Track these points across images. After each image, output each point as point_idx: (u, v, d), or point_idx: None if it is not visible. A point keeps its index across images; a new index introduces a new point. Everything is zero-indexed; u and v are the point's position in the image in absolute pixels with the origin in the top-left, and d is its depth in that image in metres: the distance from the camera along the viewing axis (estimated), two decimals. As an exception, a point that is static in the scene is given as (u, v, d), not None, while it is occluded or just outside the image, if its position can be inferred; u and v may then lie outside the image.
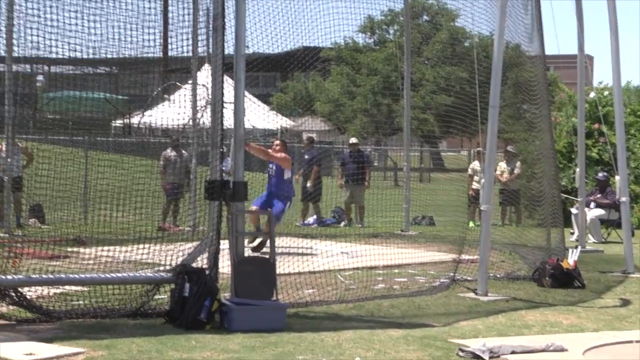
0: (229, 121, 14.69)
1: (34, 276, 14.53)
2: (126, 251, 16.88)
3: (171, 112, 26.83)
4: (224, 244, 14.28)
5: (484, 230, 16.45)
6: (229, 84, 14.80)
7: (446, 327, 13.36)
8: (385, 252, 21.58)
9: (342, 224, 29.63)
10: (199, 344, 12.04)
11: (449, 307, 15.09)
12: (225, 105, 14.54)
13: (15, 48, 21.25)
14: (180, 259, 14.17)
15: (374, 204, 30.92)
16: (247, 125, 15.57)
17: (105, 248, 19.63)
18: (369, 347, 11.96)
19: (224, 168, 14.55)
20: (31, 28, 17.57)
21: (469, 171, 30.54)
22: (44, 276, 14.80)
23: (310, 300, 15.19)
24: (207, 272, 13.71)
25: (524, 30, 20.34)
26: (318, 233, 26.73)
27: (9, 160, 23.72)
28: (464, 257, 18.32)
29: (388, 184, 43.39)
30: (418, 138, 52.14)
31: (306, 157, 31.87)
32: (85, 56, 18.41)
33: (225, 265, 14.10)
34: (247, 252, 15.60)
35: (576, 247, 19.79)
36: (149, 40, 16.88)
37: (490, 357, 11.28)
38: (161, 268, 14.74)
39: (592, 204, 25.72)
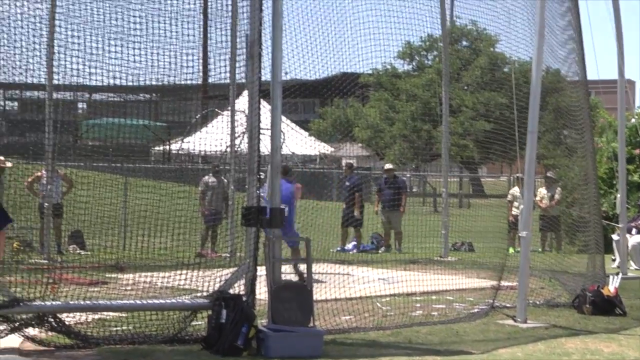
0: (266, 147, 14.64)
1: (72, 302, 14.61)
2: (164, 277, 16.95)
3: (210, 139, 26.98)
4: (261, 271, 14.24)
5: (523, 257, 16.35)
6: (266, 110, 14.78)
7: (485, 355, 13.29)
8: (423, 278, 21.51)
9: (381, 250, 29.55)
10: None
11: (488, 335, 14.96)
12: (262, 131, 14.50)
13: (56, 75, 21.42)
14: (217, 285, 14.18)
15: (413, 230, 30.78)
16: (287, 151, 15.60)
17: (144, 274, 19.70)
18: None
19: (261, 194, 14.54)
20: (72, 55, 17.72)
21: (509, 197, 30.42)
22: (82, 302, 14.88)
23: (347, 327, 15.12)
24: (244, 298, 13.72)
25: (564, 56, 20.25)
26: (356, 259, 26.67)
27: (49, 187, 23.83)
28: (503, 283, 18.17)
29: (427, 209, 43.36)
30: (457, 164, 52.07)
31: (347, 183, 31.81)
32: (125, 83, 18.51)
33: (262, 292, 14.10)
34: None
35: (617, 273, 19.61)
36: (188, 67, 16.96)
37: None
38: (199, 294, 14.76)
39: (634, 230, 25.53)
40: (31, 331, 13.49)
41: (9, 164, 23.46)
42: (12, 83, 22.13)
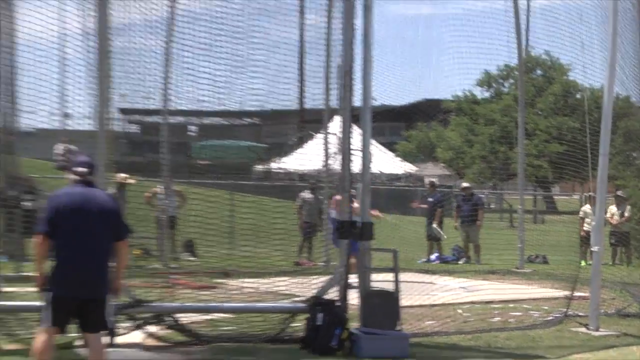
0: (357, 167, 14.79)
1: (186, 304, 14.90)
2: (266, 283, 17.15)
3: (306, 159, 27.20)
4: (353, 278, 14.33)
5: (594, 269, 16.15)
6: (357, 133, 14.94)
7: (559, 360, 13.23)
8: (501, 287, 21.51)
9: (461, 261, 29.52)
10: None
11: (562, 341, 14.79)
12: (353, 152, 14.66)
13: (172, 102, 21.84)
14: (314, 291, 14.25)
15: (490, 243, 30.69)
16: (375, 170, 15.67)
17: (248, 280, 19.89)
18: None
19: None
20: (185, 84, 18.10)
21: (581, 214, 30.08)
22: (195, 304, 15.16)
23: (431, 331, 15.10)
24: (337, 303, 13.82)
25: (634, 82, 19.98)
26: (438, 269, 26.67)
27: (165, 201, 24.21)
28: (576, 294, 17.93)
29: (504, 224, 43.03)
30: (532, 183, 51.55)
31: (430, 199, 31.89)
32: (232, 109, 18.79)
33: (354, 298, 14.09)
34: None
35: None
36: (286, 94, 17.18)
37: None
38: (297, 299, 14.86)
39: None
40: (151, 329, 13.77)
41: (132, 181, 23.87)
42: (134, 109, 22.49)
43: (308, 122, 27.46)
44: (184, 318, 14.21)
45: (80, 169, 10.23)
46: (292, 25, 17.21)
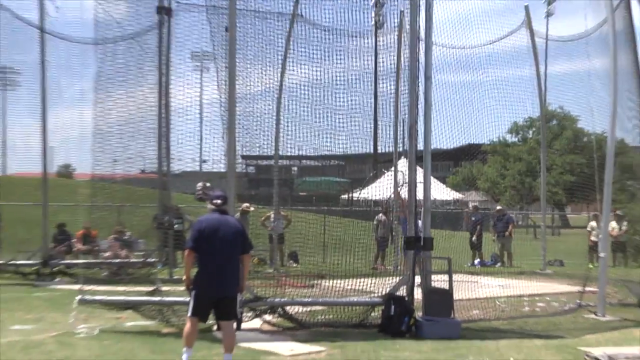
0: (419, 195, 14.78)
1: (292, 299, 14.93)
2: (352, 283, 17.07)
3: (379, 189, 27.19)
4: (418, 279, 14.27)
5: (601, 270, 15.87)
6: (420, 170, 14.97)
7: (575, 339, 13.00)
8: (529, 284, 21.25)
9: (497, 265, 29.20)
10: (401, 347, 12.17)
11: (577, 324, 14.58)
12: (417, 184, 14.69)
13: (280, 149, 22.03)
14: (387, 289, 14.19)
15: (520, 251, 30.40)
16: (432, 197, 15.61)
17: (338, 281, 19.87)
18: (519, 351, 11.86)
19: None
20: (289, 135, 18.19)
21: (588, 228, 29.62)
22: (298, 299, 15.17)
23: (476, 318, 15.01)
24: (406, 298, 13.79)
25: (630, 127, 19.60)
26: (481, 271, 26.40)
27: (275, 222, 24.37)
28: (587, 289, 17.66)
29: (529, 237, 42.43)
30: (550, 205, 50.95)
31: (473, 218, 31.70)
32: (323, 154, 18.83)
33: (418, 294, 14.03)
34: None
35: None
36: (364, 141, 17.17)
37: (609, 362, 11.07)
38: (374, 295, 14.76)
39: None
40: (267, 317, 13.87)
41: (252, 209, 24.11)
42: (252, 155, 22.70)
43: (381, 162, 27.42)
44: (291, 309, 14.21)
45: (216, 201, 10.47)
46: (369, 92, 17.23)
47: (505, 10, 23.96)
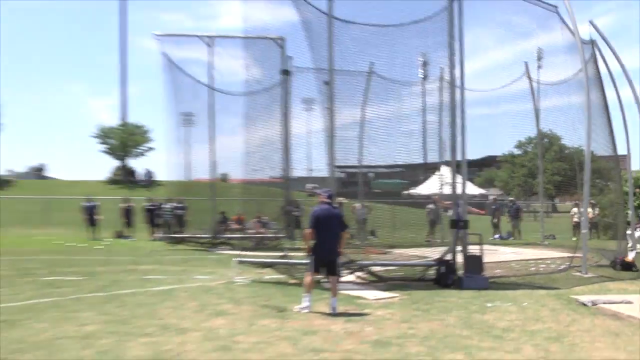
0: (458, 191, 14.67)
1: (374, 261, 15.02)
2: (413, 251, 17.07)
3: (429, 187, 26.98)
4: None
5: (583, 241, 15.47)
6: (458, 175, 14.87)
7: (567, 289, 12.72)
8: (533, 252, 20.89)
9: (511, 239, 28.65)
10: (449, 295, 12.11)
11: (568, 280, 14.17)
12: (456, 184, 14.53)
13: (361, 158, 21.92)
14: (437, 255, 14.01)
15: (526, 229, 29.84)
16: (466, 192, 15.35)
17: (403, 250, 19.88)
18: (530, 298, 11.68)
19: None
20: (368, 149, 18.12)
21: (571, 212, 29.03)
22: (378, 261, 15.26)
23: (499, 275, 14.77)
24: (451, 261, 13.65)
25: (602, 142, 19.06)
26: (499, 243, 25.96)
27: (361, 211, 24.21)
28: (574, 255, 17.21)
29: (531, 219, 41.37)
30: (545, 197, 49.70)
31: (493, 207, 31.22)
32: (389, 163, 18.72)
33: (459, 258, 13.86)
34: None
35: (632, 250, 18.35)
36: (415, 153, 17.05)
37: (592, 304, 10.86)
38: (429, 259, 14.64)
39: (638, 229, 23.53)
40: (358, 274, 13.95)
41: (345, 201, 24.14)
42: (343, 165, 22.80)
43: (429, 169, 27.15)
44: (374, 268, 14.26)
45: (326, 195, 10.65)
46: (420, 121, 17.17)
47: (512, 63, 23.79)
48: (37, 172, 57.04)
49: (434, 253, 14.68)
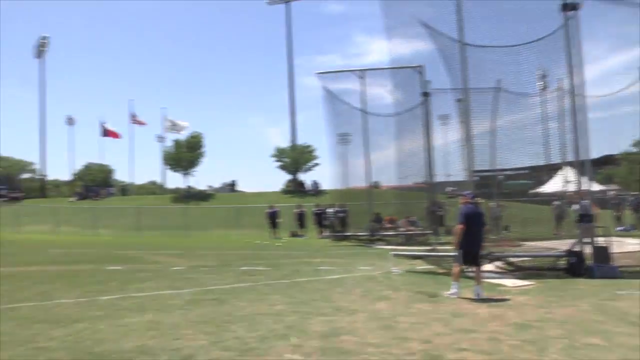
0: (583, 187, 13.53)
1: (509, 253, 14.35)
2: (543, 244, 16.10)
3: (552, 186, 25.23)
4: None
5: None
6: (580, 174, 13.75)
7: None
8: None
9: (633, 230, 25.62)
10: (580, 283, 11.42)
11: None
12: (581, 182, 13.45)
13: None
14: (565, 247, 13.15)
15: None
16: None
17: (535, 243, 18.77)
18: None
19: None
20: (499, 156, 17.29)
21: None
22: (513, 253, 14.59)
23: (625, 265, 13.30)
24: (581, 253, 12.74)
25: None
26: (624, 235, 23.33)
27: (495, 209, 22.94)
28: None
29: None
30: None
31: (614, 202, 28.41)
32: (516, 167, 17.77)
33: (588, 249, 12.87)
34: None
35: None
36: (539, 158, 16.07)
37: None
38: (559, 250, 13.77)
39: None
40: (496, 263, 13.49)
41: (481, 201, 23.04)
42: (479, 170, 22.10)
43: (552, 169, 25.52)
44: (510, 259, 13.73)
45: (470, 196, 10.36)
46: (541, 128, 16.20)
47: (627, 69, 21.57)
48: (230, 187, 61.11)
49: (562, 245, 13.86)
